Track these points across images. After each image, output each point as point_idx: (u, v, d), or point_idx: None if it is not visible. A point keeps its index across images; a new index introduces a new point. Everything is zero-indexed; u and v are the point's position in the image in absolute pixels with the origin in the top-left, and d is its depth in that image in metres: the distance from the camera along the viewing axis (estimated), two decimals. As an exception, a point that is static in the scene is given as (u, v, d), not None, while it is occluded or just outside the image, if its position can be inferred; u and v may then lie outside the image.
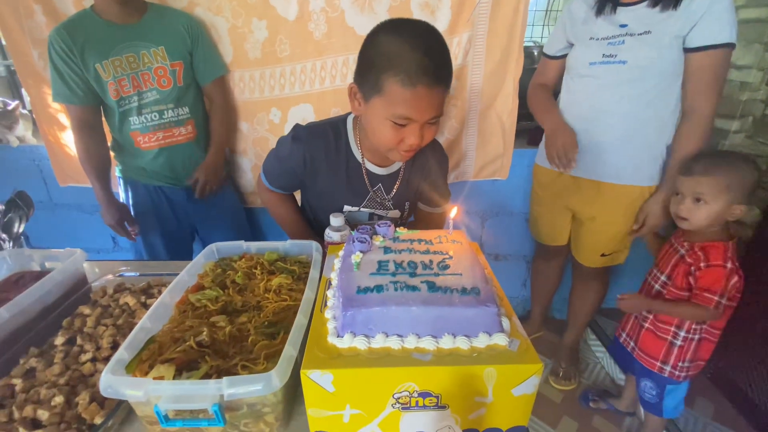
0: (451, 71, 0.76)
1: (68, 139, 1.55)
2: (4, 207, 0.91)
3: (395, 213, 1.04)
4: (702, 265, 1.04)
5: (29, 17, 1.37)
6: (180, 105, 1.30)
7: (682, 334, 1.13)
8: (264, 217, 1.76)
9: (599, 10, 1.16)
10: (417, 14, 1.31)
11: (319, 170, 0.93)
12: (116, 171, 1.40)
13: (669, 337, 1.15)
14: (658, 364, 1.18)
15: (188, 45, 1.28)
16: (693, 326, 1.11)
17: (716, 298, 1.01)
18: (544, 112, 1.33)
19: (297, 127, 0.93)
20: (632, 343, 1.26)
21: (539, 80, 1.39)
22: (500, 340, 0.51)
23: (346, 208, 0.99)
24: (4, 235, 0.87)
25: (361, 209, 0.99)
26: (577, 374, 1.63)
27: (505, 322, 0.54)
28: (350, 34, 1.33)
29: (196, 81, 1.35)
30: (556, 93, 1.36)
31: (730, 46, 1.01)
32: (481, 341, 0.51)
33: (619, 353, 1.35)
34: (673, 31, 1.04)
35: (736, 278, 1.02)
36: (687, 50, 1.05)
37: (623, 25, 1.11)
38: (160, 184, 1.38)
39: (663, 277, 1.16)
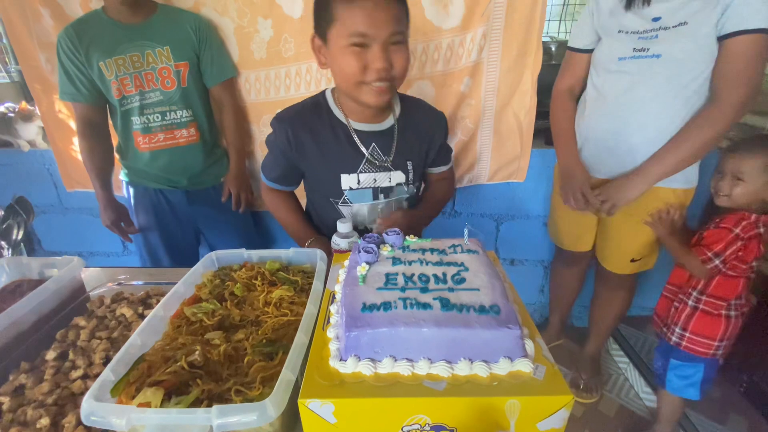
0: None
1: (75, 144, 1.54)
2: (3, 213, 0.88)
3: (399, 175, 0.97)
4: (713, 226, 1.07)
5: (37, 21, 1.37)
6: (183, 107, 1.28)
7: (680, 295, 1.16)
8: (273, 220, 1.72)
9: (629, 3, 1.06)
10: (428, 7, 1.25)
11: (306, 144, 0.91)
12: (122, 175, 1.38)
13: (669, 294, 1.20)
14: (661, 324, 1.20)
15: (195, 46, 1.26)
16: (689, 290, 1.13)
17: (709, 254, 1.04)
18: (560, 143, 1.29)
19: (278, 112, 0.95)
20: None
21: (566, 82, 1.27)
22: (524, 366, 0.45)
23: (344, 181, 0.93)
24: (2, 243, 0.85)
25: (360, 174, 0.93)
26: (599, 386, 1.54)
27: (529, 346, 0.47)
28: (358, 32, 1.28)
29: (203, 83, 1.32)
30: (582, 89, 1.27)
31: (765, 32, 0.91)
32: (502, 368, 0.45)
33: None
34: (711, 21, 0.95)
35: (738, 245, 1.02)
36: (718, 38, 0.96)
37: (656, 18, 1.02)
38: (161, 187, 1.36)
39: None
